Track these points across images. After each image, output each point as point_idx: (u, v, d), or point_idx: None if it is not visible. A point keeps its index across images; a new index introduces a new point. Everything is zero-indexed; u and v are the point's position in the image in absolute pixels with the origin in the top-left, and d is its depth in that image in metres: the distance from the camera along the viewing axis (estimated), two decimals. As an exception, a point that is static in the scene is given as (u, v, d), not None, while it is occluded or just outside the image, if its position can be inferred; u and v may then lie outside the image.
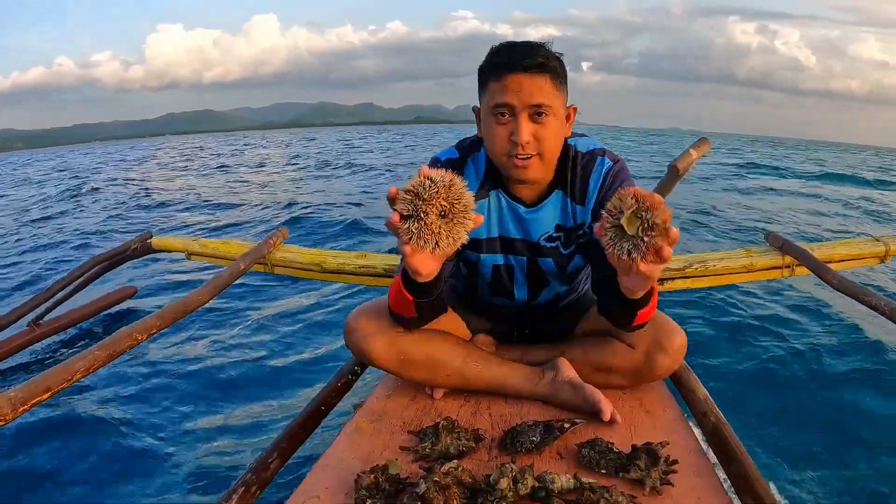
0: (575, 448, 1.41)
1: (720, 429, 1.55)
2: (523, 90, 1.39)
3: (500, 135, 1.45)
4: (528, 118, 1.42)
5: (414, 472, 1.34)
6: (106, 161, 32.26)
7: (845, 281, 2.35)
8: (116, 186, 16.77)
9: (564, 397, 1.62)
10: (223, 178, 18.49)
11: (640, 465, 1.29)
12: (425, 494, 1.16)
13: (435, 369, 1.67)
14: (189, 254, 3.29)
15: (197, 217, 10.59)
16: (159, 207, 12.09)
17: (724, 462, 1.44)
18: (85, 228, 9.82)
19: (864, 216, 11.10)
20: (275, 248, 3.04)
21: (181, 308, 2.08)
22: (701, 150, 2.75)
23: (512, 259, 1.69)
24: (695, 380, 1.83)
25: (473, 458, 1.42)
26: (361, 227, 8.67)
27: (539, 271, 1.70)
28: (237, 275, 2.55)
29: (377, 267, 2.84)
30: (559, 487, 1.22)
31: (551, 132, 1.44)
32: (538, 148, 1.44)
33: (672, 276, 2.73)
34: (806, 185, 16.66)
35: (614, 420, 1.54)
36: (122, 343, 1.74)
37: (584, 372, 1.68)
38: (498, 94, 1.42)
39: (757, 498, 1.26)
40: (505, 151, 1.46)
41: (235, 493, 1.41)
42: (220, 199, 12.82)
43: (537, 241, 1.65)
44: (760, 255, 2.84)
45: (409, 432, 1.53)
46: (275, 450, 1.59)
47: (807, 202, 12.70)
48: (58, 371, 1.48)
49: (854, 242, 2.93)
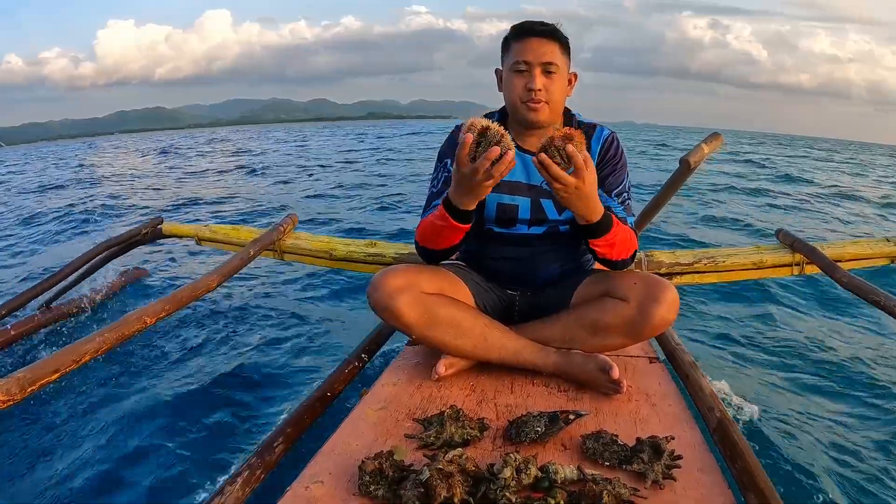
0: (579, 439, 1.41)
1: (725, 425, 1.55)
2: (538, 50, 1.75)
3: (518, 84, 1.78)
4: (541, 72, 1.76)
5: (418, 460, 1.34)
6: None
7: (855, 280, 2.34)
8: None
9: (576, 363, 1.75)
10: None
11: (644, 457, 1.29)
12: (429, 482, 1.17)
13: (459, 331, 1.77)
14: (199, 239, 3.30)
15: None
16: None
17: (729, 458, 1.44)
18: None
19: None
20: (285, 234, 3.04)
21: (190, 292, 2.09)
22: (713, 144, 2.73)
23: (515, 198, 1.86)
24: (702, 375, 1.83)
25: (478, 447, 1.42)
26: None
27: (539, 208, 1.86)
28: (247, 261, 2.56)
29: (386, 256, 2.84)
30: (562, 478, 1.22)
31: (558, 86, 1.79)
32: (547, 96, 1.78)
33: (682, 270, 2.73)
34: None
35: (622, 384, 1.66)
36: (131, 326, 1.75)
37: (580, 337, 1.79)
38: (519, 53, 1.77)
39: (761, 495, 1.26)
40: (522, 97, 1.79)
41: (240, 476, 1.41)
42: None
43: (539, 184, 1.84)
44: (770, 252, 2.83)
45: (414, 420, 1.54)
46: (280, 434, 1.60)
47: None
48: (66, 352, 1.49)
49: (865, 242, 2.92)
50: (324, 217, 8.64)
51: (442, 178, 1.87)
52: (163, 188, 13.77)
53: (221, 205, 10.48)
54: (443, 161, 1.89)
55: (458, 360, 1.81)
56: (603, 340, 1.77)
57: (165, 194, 12.51)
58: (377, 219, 8.63)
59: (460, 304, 1.82)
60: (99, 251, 3.60)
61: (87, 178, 16.99)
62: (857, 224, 9.22)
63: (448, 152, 1.84)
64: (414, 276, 1.77)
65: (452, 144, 1.77)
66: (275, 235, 2.94)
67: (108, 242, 3.60)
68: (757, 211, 9.93)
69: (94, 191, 13.58)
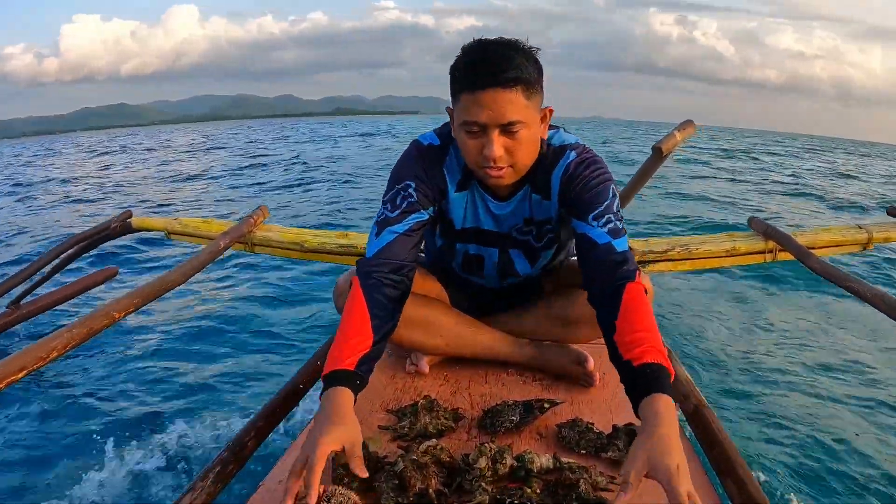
0: (555, 428, 1.41)
1: (701, 412, 1.55)
2: (494, 107, 1.34)
3: (471, 149, 1.42)
4: (500, 133, 1.38)
5: (392, 451, 1.32)
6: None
7: (827, 266, 2.36)
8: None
9: (551, 355, 1.75)
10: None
11: (619, 445, 1.29)
12: (403, 473, 1.15)
13: (430, 329, 1.72)
14: (169, 233, 3.25)
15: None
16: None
17: (706, 444, 1.44)
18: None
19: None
20: (255, 227, 3.00)
21: (159, 286, 2.06)
22: (685, 132, 2.74)
23: (483, 249, 1.71)
24: (677, 361, 1.83)
25: (452, 438, 1.41)
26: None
27: (508, 261, 1.72)
28: (216, 254, 2.52)
29: (358, 246, 2.81)
30: (538, 467, 1.21)
31: (523, 144, 1.41)
32: (510, 160, 1.42)
33: (655, 258, 2.73)
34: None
35: (595, 376, 1.67)
36: (99, 321, 1.72)
37: (553, 329, 1.77)
38: (469, 111, 1.37)
39: (738, 480, 1.26)
40: (478, 163, 1.43)
41: (212, 472, 1.39)
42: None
43: (508, 232, 1.66)
44: (743, 239, 2.85)
45: (388, 411, 1.53)
46: (252, 429, 1.57)
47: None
48: (33, 350, 1.46)
49: (837, 229, 2.94)
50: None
51: (404, 204, 1.53)
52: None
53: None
54: (402, 182, 1.56)
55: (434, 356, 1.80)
56: (575, 332, 1.76)
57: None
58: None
59: (431, 301, 1.78)
60: (68, 246, 3.54)
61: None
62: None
63: (407, 173, 1.56)
64: None
65: (411, 164, 1.57)
66: (245, 228, 2.90)
67: (78, 237, 3.54)
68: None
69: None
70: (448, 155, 1.58)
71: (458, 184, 1.59)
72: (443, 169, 1.57)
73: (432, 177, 1.55)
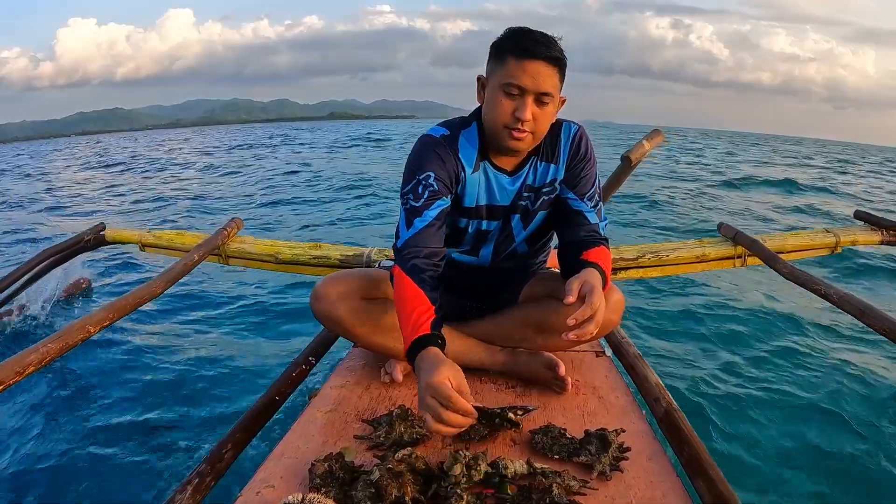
0: (528, 434, 1.43)
1: (672, 413, 1.58)
2: (538, 78, 1.54)
3: (507, 108, 1.58)
4: (534, 100, 1.57)
5: (368, 461, 1.34)
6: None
7: (796, 270, 2.41)
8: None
9: (523, 362, 1.79)
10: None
11: (591, 449, 1.32)
12: (379, 482, 1.17)
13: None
14: (143, 245, 3.23)
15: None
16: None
17: (676, 445, 1.47)
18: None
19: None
20: (229, 238, 3.00)
21: (133, 300, 2.05)
22: (654, 141, 2.79)
23: (493, 224, 1.80)
24: (647, 366, 1.86)
25: (427, 446, 1.43)
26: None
27: (508, 227, 1.81)
28: (191, 266, 2.52)
29: (331, 258, 2.83)
30: (512, 473, 1.23)
31: (547, 116, 1.61)
32: (534, 127, 1.60)
33: (626, 265, 2.77)
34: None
35: (567, 382, 1.71)
36: (75, 335, 1.71)
37: (526, 335, 1.81)
38: (515, 75, 1.55)
39: (708, 480, 1.29)
40: (506, 123, 1.59)
41: (190, 485, 1.39)
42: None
43: (513, 203, 1.77)
44: (713, 245, 2.89)
45: (363, 421, 1.54)
46: (229, 440, 1.57)
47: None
48: (9, 364, 1.45)
49: (806, 234, 2.99)
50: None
51: (426, 193, 1.64)
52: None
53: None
54: (423, 173, 1.65)
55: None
56: (548, 340, 1.78)
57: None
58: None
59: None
60: (41, 259, 3.50)
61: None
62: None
63: (426, 164, 1.66)
64: (356, 284, 1.76)
65: (429, 155, 1.67)
66: (219, 240, 2.90)
67: (51, 250, 3.50)
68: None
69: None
70: (459, 142, 1.70)
71: (474, 164, 1.71)
72: (459, 155, 1.68)
73: (449, 164, 1.67)
